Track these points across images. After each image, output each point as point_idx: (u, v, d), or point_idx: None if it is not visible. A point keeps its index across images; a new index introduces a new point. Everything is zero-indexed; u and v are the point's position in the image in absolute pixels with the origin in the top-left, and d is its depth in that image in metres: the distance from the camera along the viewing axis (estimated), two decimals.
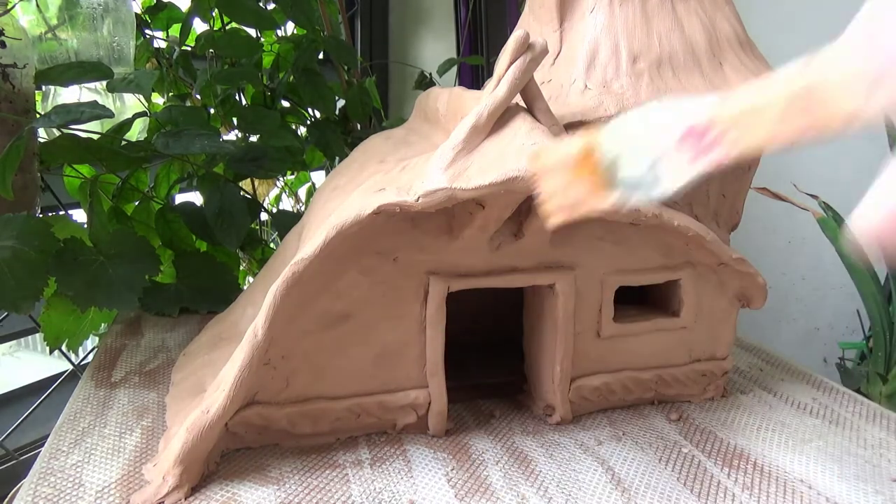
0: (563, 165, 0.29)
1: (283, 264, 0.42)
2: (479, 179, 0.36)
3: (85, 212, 0.71)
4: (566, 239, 0.46)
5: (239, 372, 0.40)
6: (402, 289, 0.44)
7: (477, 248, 0.44)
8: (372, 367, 0.45)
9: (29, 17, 0.68)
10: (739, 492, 0.42)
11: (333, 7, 0.97)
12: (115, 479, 0.41)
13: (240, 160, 0.72)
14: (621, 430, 0.49)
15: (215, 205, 0.70)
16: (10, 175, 0.53)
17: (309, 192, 1.07)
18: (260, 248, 0.86)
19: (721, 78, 0.49)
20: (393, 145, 0.51)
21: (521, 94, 0.40)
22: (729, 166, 0.23)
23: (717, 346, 0.53)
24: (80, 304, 0.56)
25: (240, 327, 0.52)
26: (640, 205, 0.28)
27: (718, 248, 0.47)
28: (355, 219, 0.38)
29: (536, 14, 0.53)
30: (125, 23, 0.73)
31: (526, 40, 0.38)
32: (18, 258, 0.52)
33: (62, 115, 0.55)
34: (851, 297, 1.07)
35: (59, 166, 0.68)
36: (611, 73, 0.48)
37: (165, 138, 0.62)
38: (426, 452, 0.46)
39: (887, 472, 0.45)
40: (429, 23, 1.29)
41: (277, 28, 0.90)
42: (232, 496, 0.40)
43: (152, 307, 0.69)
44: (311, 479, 0.42)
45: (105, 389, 0.53)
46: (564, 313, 0.47)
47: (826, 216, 0.99)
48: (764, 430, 0.50)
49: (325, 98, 0.84)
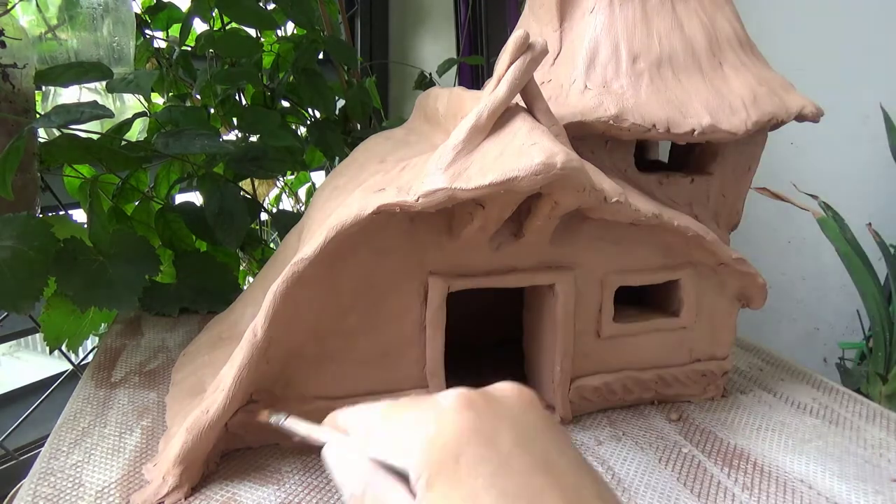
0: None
1: (283, 264, 0.42)
2: (479, 179, 0.36)
3: (85, 212, 0.71)
4: (566, 239, 0.46)
5: (238, 372, 0.40)
6: (402, 289, 0.44)
7: (477, 248, 0.44)
8: (372, 367, 0.45)
9: (29, 17, 0.68)
10: (739, 492, 0.42)
11: (333, 7, 0.97)
12: (115, 479, 0.41)
13: (240, 160, 0.72)
14: (621, 430, 0.49)
15: (215, 205, 0.70)
16: (10, 175, 0.53)
17: (309, 192, 1.07)
18: (260, 248, 0.86)
19: (721, 78, 0.49)
20: (393, 145, 0.51)
21: (521, 94, 0.40)
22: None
23: (717, 346, 0.53)
24: (80, 304, 0.56)
25: (240, 327, 0.52)
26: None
27: (718, 248, 0.47)
28: (355, 219, 0.38)
29: (536, 14, 0.53)
30: (125, 23, 0.73)
31: (526, 40, 0.38)
32: (18, 258, 0.52)
33: (62, 115, 0.55)
34: (851, 297, 1.07)
35: (59, 166, 0.68)
36: (611, 73, 0.48)
37: (165, 138, 0.62)
38: None
39: (887, 472, 0.45)
40: (429, 23, 1.29)
41: (277, 28, 0.90)
42: (232, 496, 0.40)
43: (152, 307, 0.69)
44: (311, 479, 0.42)
45: (105, 389, 0.53)
46: (564, 313, 0.47)
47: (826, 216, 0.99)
48: (764, 430, 0.50)
49: (325, 98, 0.84)
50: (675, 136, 0.46)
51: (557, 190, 0.38)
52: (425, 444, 0.25)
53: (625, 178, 0.49)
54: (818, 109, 0.49)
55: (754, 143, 0.52)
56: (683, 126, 0.46)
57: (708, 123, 0.46)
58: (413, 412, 0.26)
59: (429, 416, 0.26)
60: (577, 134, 0.46)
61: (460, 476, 0.23)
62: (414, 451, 0.25)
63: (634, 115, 0.46)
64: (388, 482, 0.25)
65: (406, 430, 0.26)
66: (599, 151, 0.49)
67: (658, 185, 0.51)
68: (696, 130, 0.46)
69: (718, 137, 0.47)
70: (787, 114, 0.48)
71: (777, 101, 0.48)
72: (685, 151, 0.55)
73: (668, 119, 0.46)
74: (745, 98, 0.47)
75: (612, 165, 0.49)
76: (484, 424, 0.25)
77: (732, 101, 0.47)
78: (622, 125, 0.45)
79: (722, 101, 0.47)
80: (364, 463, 0.26)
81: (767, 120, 0.47)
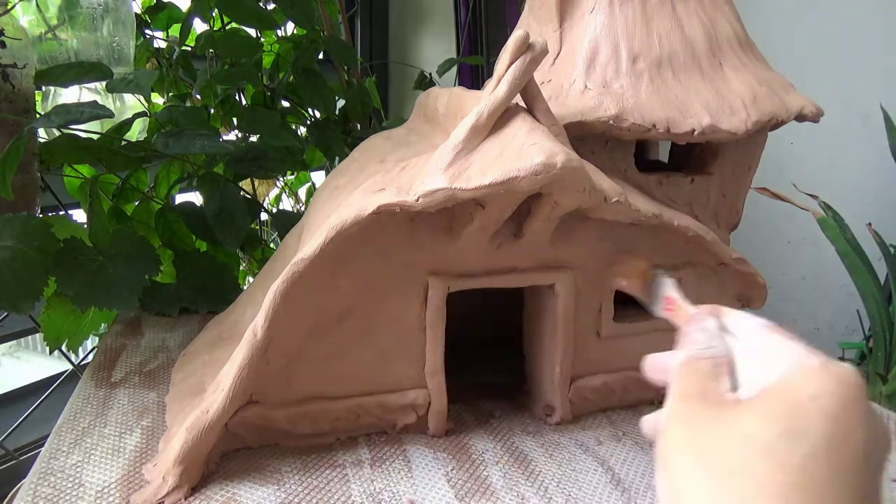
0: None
1: (283, 264, 0.42)
2: (479, 179, 0.36)
3: (85, 212, 0.71)
4: (566, 239, 0.46)
5: (238, 372, 0.40)
6: (403, 289, 0.44)
7: (477, 248, 0.44)
8: (372, 367, 0.45)
9: (29, 17, 0.68)
10: None
11: (333, 7, 0.97)
12: (115, 479, 0.41)
13: (240, 160, 0.72)
14: (621, 430, 0.49)
15: (215, 205, 0.70)
16: (10, 175, 0.53)
17: (309, 192, 1.07)
18: (260, 248, 0.86)
19: (721, 78, 0.49)
20: (393, 145, 0.51)
21: (521, 94, 0.40)
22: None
23: None
24: (80, 304, 0.56)
25: (240, 327, 0.52)
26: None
27: (718, 248, 0.47)
28: (355, 219, 0.38)
29: (536, 14, 0.53)
30: (125, 23, 0.73)
31: (526, 40, 0.38)
32: (18, 258, 0.52)
33: (62, 115, 0.55)
34: (851, 297, 1.07)
35: (59, 166, 0.68)
36: (611, 73, 0.48)
37: (165, 138, 0.62)
38: (426, 452, 0.46)
39: (887, 472, 0.45)
40: (429, 23, 1.29)
41: (277, 28, 0.90)
42: (232, 496, 0.40)
43: (152, 307, 0.69)
44: (311, 479, 0.42)
45: (105, 389, 0.53)
46: (564, 313, 0.47)
47: (826, 216, 0.99)
48: None
49: (325, 98, 0.84)
50: (675, 136, 0.46)
51: (557, 190, 0.38)
52: (797, 367, 0.23)
53: (625, 178, 0.49)
54: (818, 109, 0.49)
55: (754, 143, 0.52)
56: (683, 126, 0.46)
57: (708, 123, 0.46)
58: (803, 346, 0.24)
59: (819, 357, 0.23)
60: (577, 134, 0.46)
61: (800, 406, 0.21)
62: (778, 367, 0.23)
63: (634, 115, 0.46)
64: (724, 369, 0.24)
65: (785, 350, 0.24)
66: (599, 151, 0.49)
67: (658, 185, 0.51)
68: (696, 130, 0.46)
69: (718, 137, 0.47)
70: (787, 114, 0.48)
71: (777, 101, 0.48)
72: (685, 151, 0.55)
73: (668, 119, 0.46)
74: (745, 98, 0.47)
75: (612, 165, 0.49)
76: (856, 410, 0.22)
77: (732, 101, 0.47)
78: (622, 125, 0.45)
79: (722, 101, 0.47)
80: (721, 344, 0.25)
81: (767, 120, 0.47)
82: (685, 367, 0.26)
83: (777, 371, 0.23)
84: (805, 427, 0.21)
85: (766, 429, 0.21)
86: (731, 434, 0.22)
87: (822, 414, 0.21)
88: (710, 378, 0.25)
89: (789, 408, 0.22)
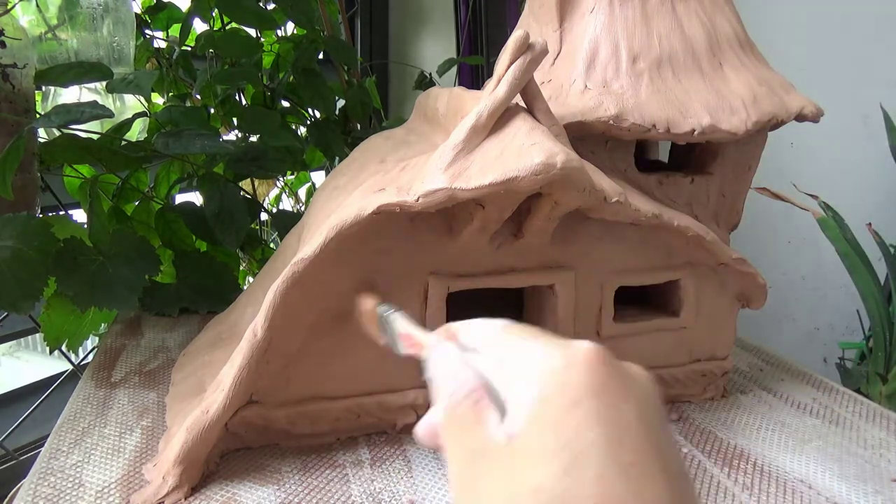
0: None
1: (283, 264, 0.42)
2: (479, 179, 0.36)
3: (85, 212, 0.71)
4: (566, 239, 0.46)
5: (238, 372, 0.40)
6: (402, 289, 0.44)
7: (477, 248, 0.44)
8: (372, 367, 0.45)
9: (29, 17, 0.68)
10: (739, 492, 0.42)
11: (333, 7, 0.97)
12: (115, 479, 0.41)
13: (240, 160, 0.72)
14: None
15: (215, 205, 0.70)
16: (10, 175, 0.53)
17: (309, 192, 1.07)
18: (260, 248, 0.86)
19: (721, 78, 0.49)
20: (393, 145, 0.51)
21: (521, 94, 0.40)
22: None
23: (717, 346, 0.53)
24: (80, 304, 0.56)
25: (240, 327, 0.52)
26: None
27: (718, 248, 0.47)
28: (355, 219, 0.38)
29: (536, 14, 0.53)
30: (125, 23, 0.73)
31: (526, 40, 0.38)
32: (18, 258, 0.52)
33: (62, 115, 0.55)
34: (851, 297, 1.07)
35: (59, 166, 0.68)
36: (611, 73, 0.48)
37: (165, 138, 0.62)
38: (426, 452, 0.46)
39: (887, 472, 0.45)
40: (429, 23, 1.29)
41: (277, 28, 0.90)
42: (232, 496, 0.40)
43: (152, 307, 0.69)
44: (311, 479, 0.42)
45: (105, 389, 0.53)
46: (564, 313, 0.47)
47: (826, 216, 0.99)
48: (764, 430, 0.50)
49: (325, 98, 0.84)
50: (675, 136, 0.46)
51: (557, 190, 0.38)
52: (546, 375, 0.22)
53: (625, 178, 0.49)
54: (818, 109, 0.49)
55: (754, 143, 0.52)
56: (683, 126, 0.46)
57: (708, 123, 0.46)
58: (540, 341, 0.24)
59: (558, 352, 0.23)
60: (577, 134, 0.46)
61: (570, 423, 0.21)
62: (529, 378, 0.22)
63: (634, 115, 0.46)
64: (485, 402, 0.23)
65: (526, 355, 0.23)
66: (599, 151, 0.49)
67: (658, 185, 0.51)
68: (696, 130, 0.46)
69: (718, 137, 0.47)
70: (787, 114, 0.48)
71: (777, 101, 0.48)
72: (685, 151, 0.55)
73: (668, 119, 0.46)
74: (745, 98, 0.47)
75: (612, 165, 0.49)
76: (615, 385, 0.22)
77: (732, 101, 0.47)
78: (622, 125, 0.45)
79: (722, 101, 0.47)
80: (467, 374, 0.24)
81: (767, 120, 0.47)
82: (447, 422, 0.24)
83: (529, 381, 0.22)
84: (583, 448, 0.20)
85: (551, 475, 0.20)
86: (520, 488, 0.21)
87: (591, 419, 0.21)
88: (474, 423, 0.23)
89: (558, 433, 0.21)
